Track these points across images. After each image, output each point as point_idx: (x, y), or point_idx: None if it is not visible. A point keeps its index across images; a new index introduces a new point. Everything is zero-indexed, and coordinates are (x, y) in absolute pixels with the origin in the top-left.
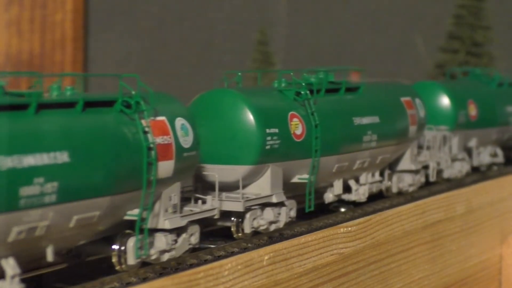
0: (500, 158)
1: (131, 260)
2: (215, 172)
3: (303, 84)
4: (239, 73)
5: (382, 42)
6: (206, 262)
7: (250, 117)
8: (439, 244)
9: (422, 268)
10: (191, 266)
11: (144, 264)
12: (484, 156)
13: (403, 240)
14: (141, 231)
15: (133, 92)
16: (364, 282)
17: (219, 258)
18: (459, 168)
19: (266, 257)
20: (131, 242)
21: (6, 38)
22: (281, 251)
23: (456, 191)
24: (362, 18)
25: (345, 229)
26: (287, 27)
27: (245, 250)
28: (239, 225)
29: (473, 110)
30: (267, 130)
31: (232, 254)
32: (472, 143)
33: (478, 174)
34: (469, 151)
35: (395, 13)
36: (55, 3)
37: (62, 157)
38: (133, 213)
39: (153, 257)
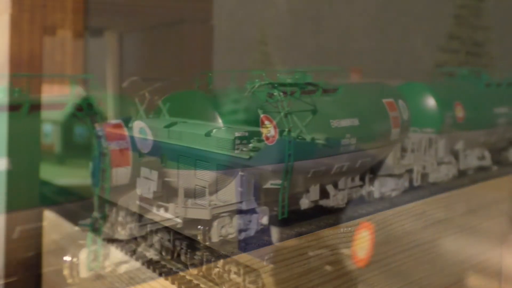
0: (488, 161)
1: (84, 272)
2: (180, 178)
3: (276, 84)
4: (210, 74)
5: (382, 42)
6: (206, 262)
7: (218, 119)
8: (439, 244)
9: (422, 268)
10: (191, 266)
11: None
12: (472, 159)
13: (403, 240)
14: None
15: (85, 94)
16: (364, 282)
17: (219, 258)
18: (446, 172)
19: (266, 257)
20: (84, 254)
21: (6, 38)
22: (281, 251)
23: (456, 191)
24: (362, 18)
25: (345, 229)
26: (287, 27)
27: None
28: (206, 233)
29: (460, 112)
30: (236, 134)
31: (232, 254)
32: (459, 145)
33: (478, 174)
34: (455, 154)
35: (395, 13)
36: (55, 3)
37: (2, 164)
38: (85, 223)
39: (108, 269)
